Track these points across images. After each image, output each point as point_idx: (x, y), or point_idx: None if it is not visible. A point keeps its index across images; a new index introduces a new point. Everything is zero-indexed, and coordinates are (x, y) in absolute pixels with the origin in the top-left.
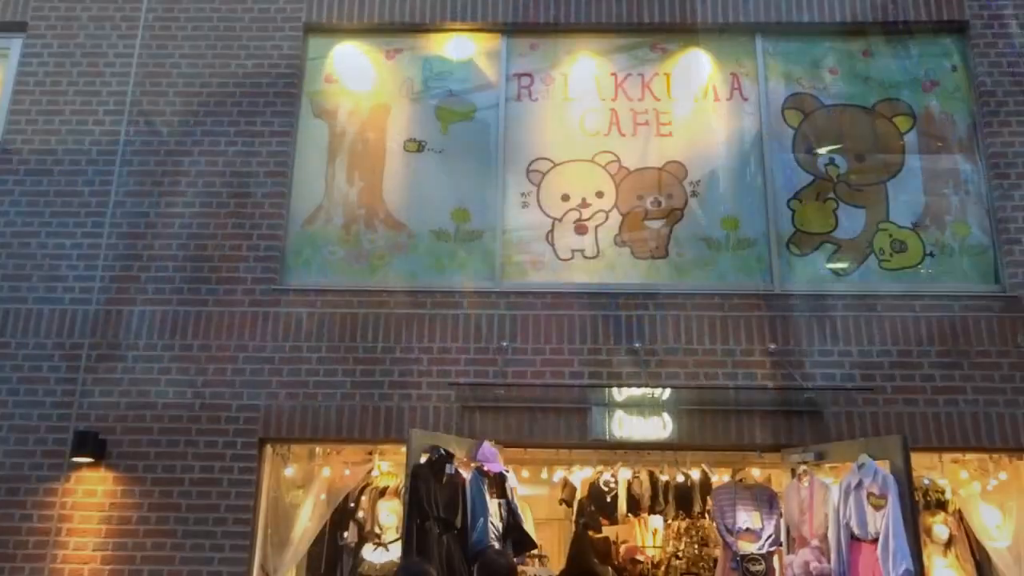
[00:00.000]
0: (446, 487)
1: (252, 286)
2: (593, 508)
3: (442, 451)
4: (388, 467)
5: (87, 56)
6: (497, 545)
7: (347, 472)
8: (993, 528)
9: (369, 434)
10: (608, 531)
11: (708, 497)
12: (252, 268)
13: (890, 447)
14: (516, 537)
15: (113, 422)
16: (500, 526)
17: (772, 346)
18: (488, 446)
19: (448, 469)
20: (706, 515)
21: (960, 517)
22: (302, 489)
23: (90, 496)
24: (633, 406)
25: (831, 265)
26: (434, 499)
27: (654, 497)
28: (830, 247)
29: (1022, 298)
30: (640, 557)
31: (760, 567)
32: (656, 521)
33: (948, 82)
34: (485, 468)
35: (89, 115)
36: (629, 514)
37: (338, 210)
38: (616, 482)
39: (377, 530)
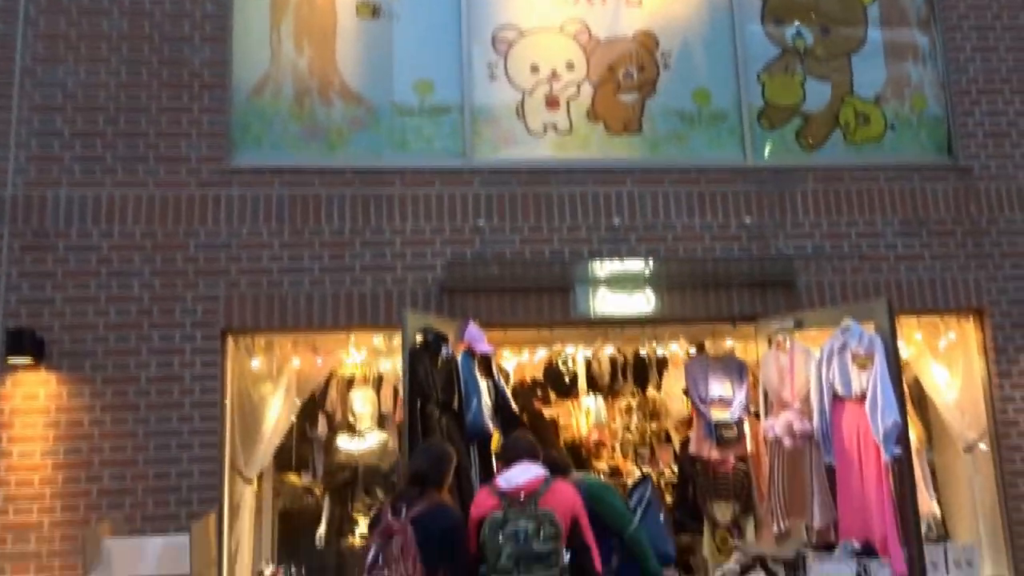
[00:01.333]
0: (442, 369)
1: (197, 165)
2: (549, 389)
3: (435, 333)
4: (363, 356)
5: None
6: (491, 425)
7: (319, 362)
8: (943, 385)
9: (343, 321)
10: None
11: (664, 373)
12: (195, 146)
13: (876, 310)
14: (505, 416)
15: (49, 319)
16: (491, 405)
17: (748, 219)
18: (474, 327)
19: (444, 351)
20: (659, 390)
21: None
22: (270, 382)
23: (31, 400)
24: (616, 282)
25: (800, 139)
26: (432, 381)
27: (613, 375)
28: (798, 121)
29: (974, 169)
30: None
31: (732, 433)
32: (588, 401)
33: None
34: (474, 349)
35: None
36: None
37: (287, 80)
38: (575, 362)
39: (351, 419)
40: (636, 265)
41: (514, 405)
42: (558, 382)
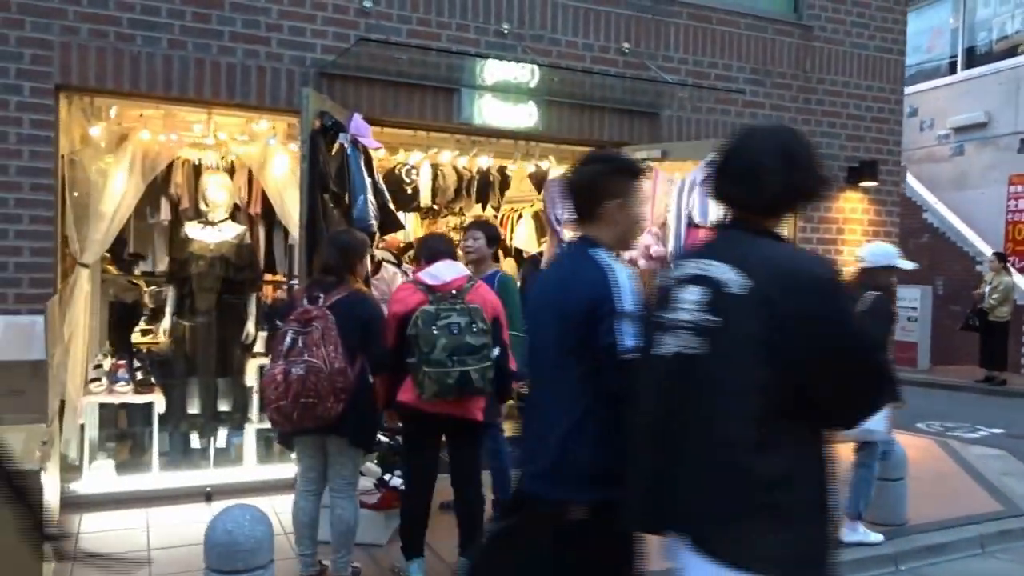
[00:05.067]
0: (335, 159)
1: None
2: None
3: (333, 119)
4: (222, 137)
5: None
6: (375, 223)
7: (174, 137)
8: None
9: (206, 93)
10: None
11: (506, 193)
12: None
13: None
14: (384, 217)
15: None
16: (375, 204)
17: (626, 46)
18: (360, 119)
19: (342, 139)
20: (497, 210)
21: None
22: (111, 154)
23: None
24: (501, 90)
25: None
26: (327, 170)
27: (457, 191)
28: None
29: (814, 29)
30: None
31: None
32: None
33: None
34: (359, 142)
35: None
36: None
37: None
38: (418, 173)
39: (204, 207)
40: (523, 73)
41: (392, 206)
42: (398, 193)
